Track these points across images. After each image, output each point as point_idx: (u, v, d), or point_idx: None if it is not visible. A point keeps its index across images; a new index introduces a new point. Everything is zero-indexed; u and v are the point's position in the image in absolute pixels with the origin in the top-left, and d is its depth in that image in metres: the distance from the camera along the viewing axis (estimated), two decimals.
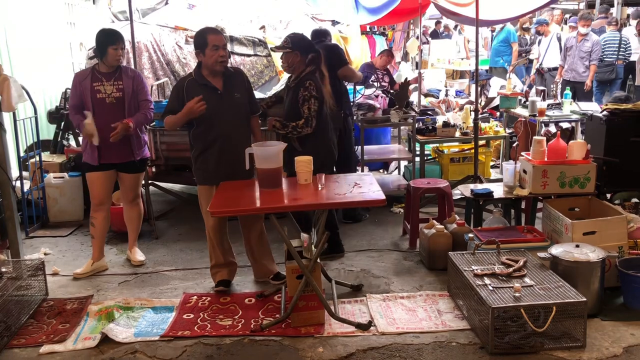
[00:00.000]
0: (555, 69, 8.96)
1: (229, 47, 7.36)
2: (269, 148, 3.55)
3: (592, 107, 6.09)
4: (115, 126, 4.06)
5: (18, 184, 5.07)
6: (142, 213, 4.63)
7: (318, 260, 3.46)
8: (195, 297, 3.87)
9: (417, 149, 5.79)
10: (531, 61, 10.11)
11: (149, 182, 5.40)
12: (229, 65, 3.90)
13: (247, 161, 3.56)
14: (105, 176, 4.31)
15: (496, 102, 7.31)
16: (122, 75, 4.23)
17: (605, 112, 4.51)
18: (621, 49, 8.50)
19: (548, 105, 6.28)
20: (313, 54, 4.13)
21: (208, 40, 3.69)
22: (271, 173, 3.49)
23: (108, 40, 4.13)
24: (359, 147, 5.54)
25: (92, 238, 4.41)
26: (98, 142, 4.09)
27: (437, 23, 13.91)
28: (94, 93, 4.15)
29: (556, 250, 3.50)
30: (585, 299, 3.07)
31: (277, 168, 3.52)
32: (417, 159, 5.80)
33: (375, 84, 6.78)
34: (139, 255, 4.54)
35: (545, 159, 4.21)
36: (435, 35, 13.94)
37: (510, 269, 3.39)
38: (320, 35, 5.42)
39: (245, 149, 3.57)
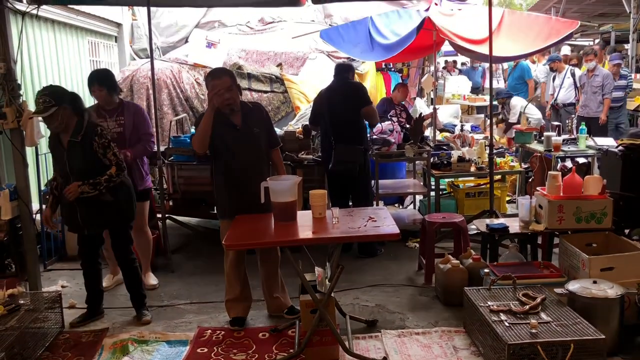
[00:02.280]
0: (570, 104, 8.98)
1: (246, 84, 7.53)
2: (284, 182, 3.60)
3: (608, 142, 6.07)
4: None
5: (38, 217, 5.15)
6: (149, 240, 4.78)
7: (332, 295, 3.46)
8: (210, 331, 3.87)
9: (432, 183, 5.79)
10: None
11: (166, 215, 5.45)
12: (246, 100, 3.98)
13: (262, 195, 3.60)
14: None
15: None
16: (124, 111, 4.48)
17: (621, 148, 4.49)
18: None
19: (563, 140, 6.27)
20: (75, 99, 3.90)
21: (208, 85, 3.78)
22: (286, 206, 3.52)
23: (88, 84, 4.45)
24: (374, 181, 5.57)
25: (108, 259, 4.75)
26: None
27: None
28: None
29: (573, 286, 3.46)
30: (604, 337, 3.02)
31: (292, 201, 3.55)
32: (433, 193, 5.80)
33: (394, 118, 6.86)
34: (152, 279, 4.69)
35: (561, 194, 4.20)
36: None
37: (527, 307, 3.34)
38: (344, 70, 5.47)
39: (261, 183, 3.61)
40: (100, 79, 4.41)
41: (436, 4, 6.72)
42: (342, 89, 5.28)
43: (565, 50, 10.82)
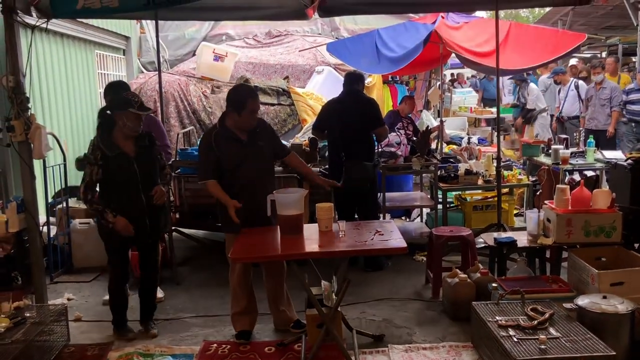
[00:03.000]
0: (575, 117, 8.95)
1: None
2: (290, 195, 3.59)
3: (617, 156, 6.03)
4: None
5: (45, 229, 5.16)
6: (159, 253, 4.71)
7: (339, 309, 3.43)
8: (215, 344, 3.85)
9: (440, 196, 5.77)
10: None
11: (172, 228, 5.45)
12: None
13: (268, 208, 3.59)
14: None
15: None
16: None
17: (630, 161, 4.46)
18: None
19: (571, 153, 6.24)
20: None
21: (247, 105, 3.77)
22: (292, 220, 3.51)
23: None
24: (381, 194, 5.55)
25: None
26: None
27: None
28: None
29: (582, 301, 3.42)
30: (614, 353, 2.97)
31: (298, 215, 3.54)
32: (440, 206, 5.77)
33: (401, 131, 6.86)
34: (158, 292, 4.61)
35: (570, 208, 4.16)
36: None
37: (535, 322, 3.30)
38: (354, 81, 5.37)
39: (267, 196, 3.61)
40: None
41: (443, 17, 6.73)
42: (356, 106, 5.20)
43: (573, 61, 10.79)
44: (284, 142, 5.85)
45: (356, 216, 5.38)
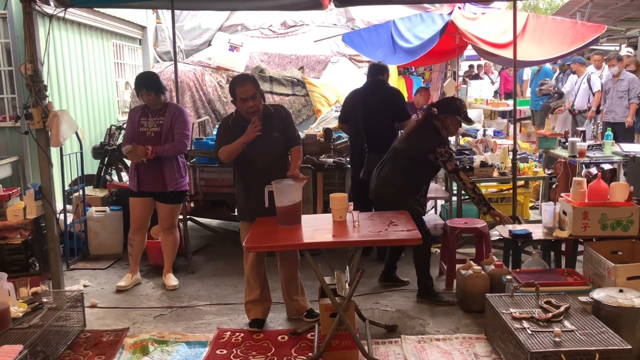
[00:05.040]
0: (585, 111, 8.85)
1: (268, 87, 7.56)
2: (286, 185, 3.59)
3: (635, 148, 5.95)
4: (137, 148, 4.44)
5: (62, 216, 5.22)
6: (176, 242, 4.85)
7: (352, 299, 3.44)
8: (229, 332, 3.88)
9: (454, 188, 5.74)
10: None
11: (187, 216, 5.49)
12: (268, 103, 3.99)
13: (266, 199, 3.59)
14: (143, 202, 4.65)
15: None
16: (166, 112, 4.58)
17: None
18: None
19: (589, 146, 6.17)
20: None
21: (236, 93, 3.79)
22: (289, 210, 3.52)
23: (135, 88, 4.76)
24: None
25: (130, 255, 4.81)
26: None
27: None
28: (139, 127, 4.56)
29: (598, 294, 3.39)
30: (630, 347, 2.95)
31: (296, 204, 3.53)
32: (454, 198, 5.74)
33: None
34: (172, 280, 4.75)
35: (586, 201, 4.12)
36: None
37: (550, 315, 3.28)
38: (378, 71, 5.30)
39: (265, 187, 3.61)
40: (147, 87, 4.52)
41: (460, 8, 6.67)
42: (380, 97, 5.12)
43: (624, 52, 10.53)
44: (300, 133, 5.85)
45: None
